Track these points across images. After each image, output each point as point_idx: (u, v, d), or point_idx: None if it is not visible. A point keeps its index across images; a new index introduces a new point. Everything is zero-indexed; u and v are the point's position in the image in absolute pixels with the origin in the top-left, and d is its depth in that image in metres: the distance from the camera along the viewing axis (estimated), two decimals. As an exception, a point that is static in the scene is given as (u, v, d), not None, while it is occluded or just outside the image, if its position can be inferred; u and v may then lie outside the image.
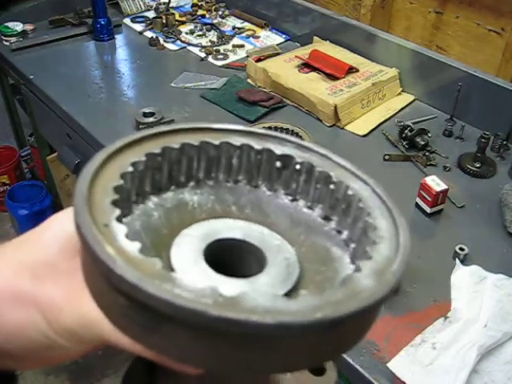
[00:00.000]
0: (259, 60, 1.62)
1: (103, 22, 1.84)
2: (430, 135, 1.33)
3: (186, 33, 1.92)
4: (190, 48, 1.83)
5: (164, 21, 1.94)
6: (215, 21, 2.00)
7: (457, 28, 1.60)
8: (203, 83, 1.61)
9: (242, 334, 0.25)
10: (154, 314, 0.26)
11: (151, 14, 2.04)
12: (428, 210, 1.12)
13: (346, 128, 1.42)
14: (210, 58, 1.76)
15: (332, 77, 1.50)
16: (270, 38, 1.88)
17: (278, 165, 0.37)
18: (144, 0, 2.10)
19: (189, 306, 0.24)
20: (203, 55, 1.78)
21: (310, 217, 0.37)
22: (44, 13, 1.93)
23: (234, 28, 1.95)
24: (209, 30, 1.94)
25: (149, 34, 1.91)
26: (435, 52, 1.55)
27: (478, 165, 1.26)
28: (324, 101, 1.41)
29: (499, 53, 1.49)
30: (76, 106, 1.50)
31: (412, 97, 1.54)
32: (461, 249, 1.02)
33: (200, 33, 1.92)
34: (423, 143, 1.32)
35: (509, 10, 1.45)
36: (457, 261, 1.01)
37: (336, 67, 1.52)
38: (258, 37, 1.90)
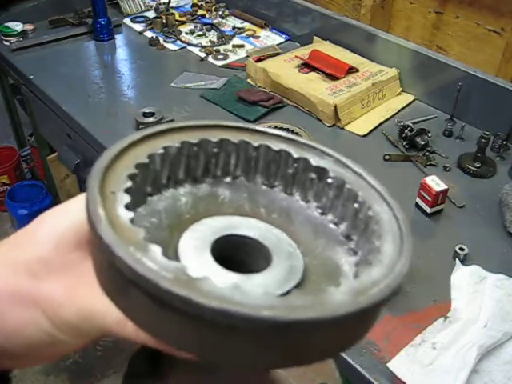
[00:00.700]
0: (259, 60, 1.62)
1: (103, 22, 1.84)
2: (430, 135, 1.33)
3: (186, 33, 1.92)
4: (190, 48, 1.83)
5: (164, 21, 1.94)
6: (215, 21, 2.00)
7: (457, 28, 1.60)
8: (203, 83, 1.61)
9: (194, 316, 0.25)
10: (124, 279, 0.26)
11: (151, 14, 2.04)
12: (428, 210, 1.12)
13: (346, 128, 1.42)
14: (210, 58, 1.76)
15: (332, 77, 1.50)
16: (270, 38, 1.88)
17: (313, 176, 0.37)
18: (144, 0, 2.10)
19: (145, 275, 0.25)
20: (203, 55, 1.78)
21: (334, 232, 0.37)
22: (44, 13, 1.93)
23: (234, 28, 1.95)
24: (209, 30, 1.94)
25: (149, 34, 1.91)
26: (435, 52, 1.55)
27: (478, 165, 1.26)
28: (324, 101, 1.41)
29: (499, 53, 1.50)
30: (76, 106, 1.50)
31: (412, 97, 1.54)
32: (461, 249, 1.02)
33: (200, 33, 1.92)
34: (423, 143, 1.32)
35: (509, 10, 1.45)
36: (457, 261, 1.01)
37: (336, 67, 1.52)
38: (258, 37, 1.90)
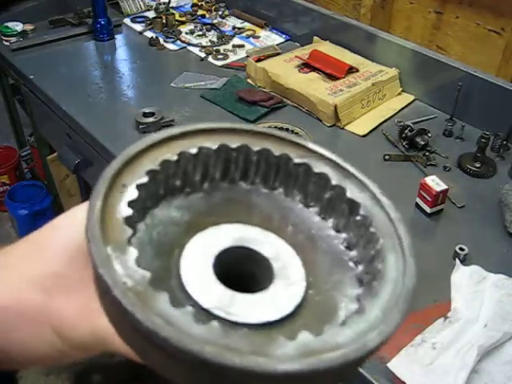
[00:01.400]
0: (259, 60, 1.61)
1: (103, 22, 1.84)
2: (430, 135, 1.33)
3: (186, 33, 1.92)
4: (190, 48, 1.83)
5: (164, 21, 1.94)
6: (215, 21, 2.00)
7: (457, 28, 1.60)
8: (203, 83, 1.61)
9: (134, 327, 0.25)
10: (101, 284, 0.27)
11: (151, 14, 2.04)
12: (428, 210, 1.12)
13: (346, 128, 1.42)
14: (210, 58, 1.76)
15: (332, 77, 1.50)
16: (270, 38, 1.88)
17: (345, 207, 0.36)
18: (144, 0, 2.10)
19: (105, 278, 0.26)
20: (203, 55, 1.78)
21: (351, 272, 0.35)
22: (44, 13, 1.93)
23: (234, 28, 1.95)
24: (209, 30, 1.94)
25: (149, 34, 1.90)
26: (435, 52, 1.55)
27: (478, 165, 1.26)
28: (324, 101, 1.41)
29: (499, 53, 1.49)
30: (76, 106, 1.50)
31: (412, 97, 1.54)
32: (461, 249, 1.02)
33: (200, 33, 1.92)
34: (423, 143, 1.32)
35: (509, 10, 1.45)
36: (457, 261, 1.01)
37: (336, 67, 1.52)
38: (258, 37, 1.90)
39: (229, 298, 0.29)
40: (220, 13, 2.05)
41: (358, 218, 0.35)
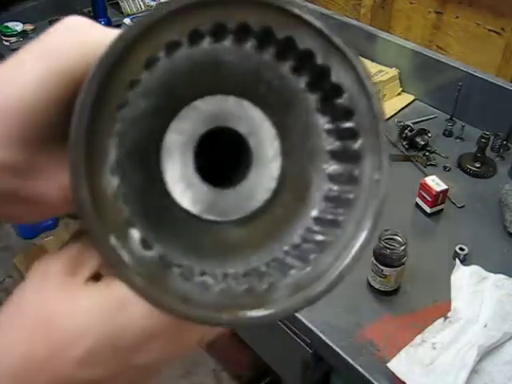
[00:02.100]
0: (259, 60, 1.61)
1: (103, 22, 1.84)
2: (430, 135, 1.34)
3: (186, 33, 1.92)
4: (190, 48, 1.83)
5: (164, 21, 1.94)
6: (215, 21, 2.00)
7: (457, 28, 1.60)
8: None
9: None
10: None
11: (151, 14, 2.04)
12: (428, 210, 1.12)
13: (346, 128, 1.42)
14: (210, 58, 1.76)
15: (332, 77, 1.50)
16: (270, 38, 1.88)
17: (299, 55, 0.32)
18: (144, 0, 2.10)
19: (122, 273, 0.26)
20: (203, 55, 1.78)
21: (320, 143, 0.33)
22: (44, 13, 1.93)
23: (234, 28, 1.95)
24: (209, 30, 1.94)
25: (149, 34, 1.91)
26: (435, 52, 1.55)
27: (478, 165, 1.26)
28: (324, 101, 1.41)
29: (499, 53, 1.49)
30: (76, 106, 1.50)
31: (412, 97, 1.54)
32: (461, 249, 1.02)
33: (200, 33, 1.92)
34: (423, 143, 1.32)
35: (509, 10, 1.45)
36: (457, 261, 1.01)
37: (336, 67, 1.51)
38: (258, 37, 1.90)
39: (218, 197, 0.31)
40: (220, 13, 2.05)
41: (340, 101, 0.32)
